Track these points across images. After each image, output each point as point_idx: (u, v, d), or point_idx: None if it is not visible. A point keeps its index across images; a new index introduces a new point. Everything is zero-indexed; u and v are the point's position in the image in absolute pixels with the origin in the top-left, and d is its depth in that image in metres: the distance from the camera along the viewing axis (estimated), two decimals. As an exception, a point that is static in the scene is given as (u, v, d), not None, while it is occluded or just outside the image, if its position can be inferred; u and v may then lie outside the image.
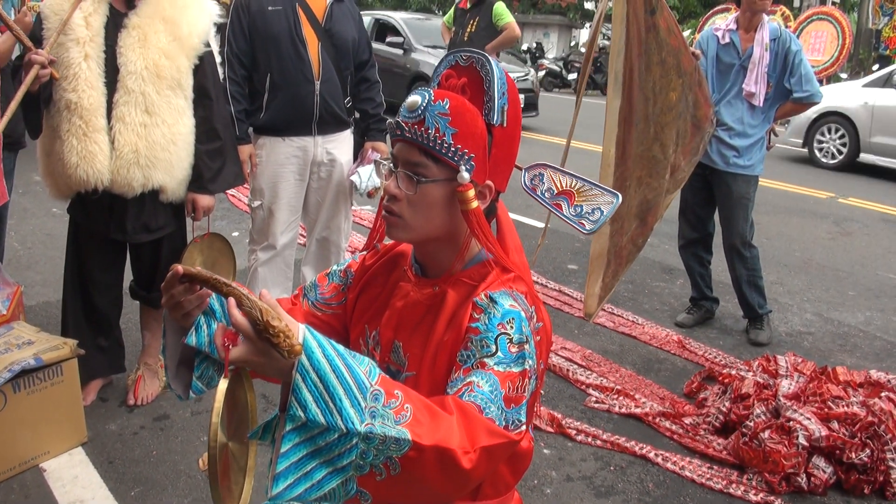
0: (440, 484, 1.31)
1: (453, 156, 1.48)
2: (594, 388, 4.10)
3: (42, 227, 6.15)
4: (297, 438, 1.23)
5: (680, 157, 4.05)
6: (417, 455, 1.26)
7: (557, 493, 3.25)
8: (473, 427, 1.32)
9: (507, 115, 1.53)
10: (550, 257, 6.41)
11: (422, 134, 1.48)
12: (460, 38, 8.60)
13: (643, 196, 3.81)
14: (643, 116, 3.62)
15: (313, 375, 1.22)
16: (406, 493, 1.32)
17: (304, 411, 1.21)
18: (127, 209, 3.33)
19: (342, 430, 1.22)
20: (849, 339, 5.12)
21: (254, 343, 1.24)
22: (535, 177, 1.70)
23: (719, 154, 4.70)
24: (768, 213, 8.38)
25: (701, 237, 5.04)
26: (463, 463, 1.28)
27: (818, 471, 3.31)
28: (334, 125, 4.12)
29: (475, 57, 1.54)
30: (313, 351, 1.23)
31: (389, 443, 1.24)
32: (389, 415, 1.25)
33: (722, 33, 4.72)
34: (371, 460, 1.25)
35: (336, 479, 1.26)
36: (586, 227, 1.66)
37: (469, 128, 1.49)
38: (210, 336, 1.50)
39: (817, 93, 4.65)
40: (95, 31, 3.15)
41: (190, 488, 3.11)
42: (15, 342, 3.19)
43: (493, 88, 1.51)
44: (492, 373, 1.40)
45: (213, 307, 1.51)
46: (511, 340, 1.43)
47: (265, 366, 1.26)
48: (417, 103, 1.49)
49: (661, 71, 3.70)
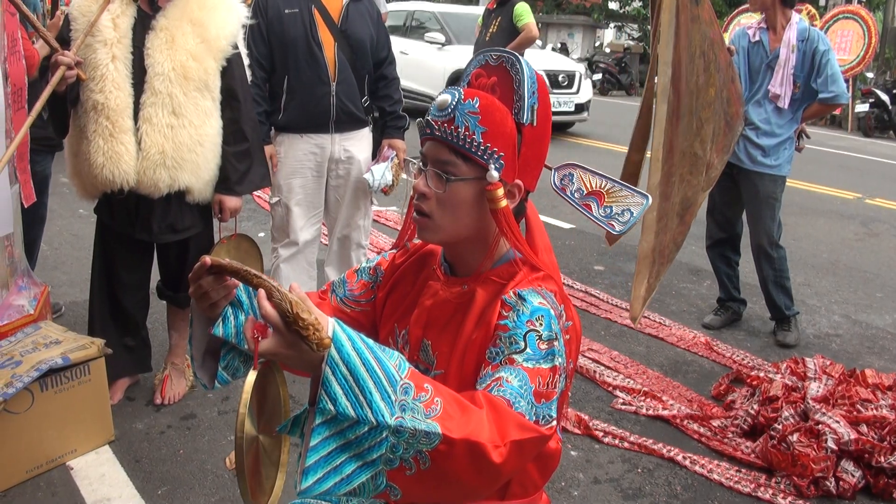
0: (470, 478, 1.30)
1: (482, 154, 1.48)
2: (621, 389, 4.07)
3: (69, 227, 6.20)
4: (326, 432, 1.23)
5: (713, 155, 3.99)
6: (447, 449, 1.25)
7: (585, 496, 3.23)
8: (503, 421, 1.31)
9: (536, 114, 1.53)
10: (577, 258, 6.39)
11: (451, 132, 1.48)
12: (482, 38, 8.65)
13: (684, 193, 3.73)
14: (688, 111, 3.52)
15: (343, 368, 1.22)
16: (436, 487, 1.31)
17: (333, 404, 1.21)
18: (153, 210, 3.34)
19: (372, 423, 1.22)
20: (877, 342, 5.06)
21: (283, 335, 1.23)
22: (565, 177, 1.69)
23: (746, 153, 4.66)
24: (794, 213, 8.30)
25: (728, 237, 5.00)
26: (493, 457, 1.28)
27: (847, 475, 3.27)
28: (351, 124, 4.13)
29: (505, 56, 1.53)
30: (343, 344, 1.23)
31: (420, 436, 1.24)
32: (420, 408, 1.25)
33: (753, 31, 4.68)
34: (401, 454, 1.25)
35: (366, 473, 1.26)
36: (616, 229, 1.65)
37: (498, 127, 1.49)
38: (237, 327, 1.51)
39: (843, 94, 4.60)
40: (123, 33, 3.17)
41: (217, 487, 3.12)
42: (42, 341, 3.21)
43: (523, 88, 1.50)
44: (521, 368, 1.39)
45: (240, 298, 1.52)
46: (540, 337, 1.43)
47: (295, 358, 1.26)
48: (447, 102, 1.49)
49: (703, 64, 3.61)
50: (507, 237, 1.53)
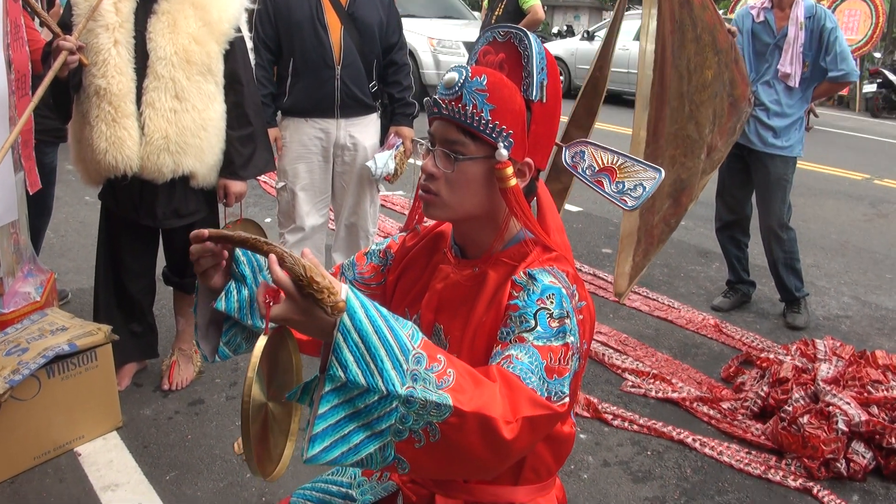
0: (480, 453, 1.27)
1: (491, 132, 1.45)
2: (630, 372, 4.06)
3: (75, 215, 6.19)
4: (335, 400, 1.21)
5: (717, 138, 3.97)
6: (458, 421, 1.23)
7: (594, 479, 3.22)
8: (516, 396, 1.29)
9: (546, 91, 1.49)
10: (584, 241, 6.36)
11: (459, 111, 1.45)
12: (488, 21, 8.62)
13: (677, 175, 3.74)
14: (677, 94, 3.55)
15: (355, 335, 1.20)
16: (445, 462, 1.29)
17: (344, 371, 1.19)
18: (157, 195, 3.32)
19: (382, 391, 1.20)
20: (887, 323, 5.04)
21: (296, 301, 1.22)
22: (576, 154, 1.66)
23: (757, 134, 4.62)
24: (803, 195, 8.25)
25: (738, 219, 4.97)
26: (504, 433, 1.25)
27: (857, 456, 3.26)
28: (357, 109, 4.10)
29: (513, 32, 1.50)
30: (356, 311, 1.21)
31: (430, 407, 1.21)
32: (431, 378, 1.23)
33: (757, 11, 4.62)
34: (410, 425, 1.22)
35: (374, 443, 1.23)
36: (628, 204, 1.62)
37: (507, 104, 1.46)
38: (240, 302, 1.50)
39: (853, 71, 4.56)
40: (125, 17, 3.14)
41: (225, 472, 3.12)
42: (49, 328, 3.20)
43: (532, 64, 1.47)
44: (531, 346, 1.37)
45: (243, 273, 1.51)
46: (551, 315, 1.40)
47: (307, 324, 1.24)
48: (455, 80, 1.46)
49: (695, 48, 3.62)
50: (517, 217, 1.50)
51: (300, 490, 1.83)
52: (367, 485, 1.77)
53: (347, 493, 1.77)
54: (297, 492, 1.82)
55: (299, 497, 1.80)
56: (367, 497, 1.75)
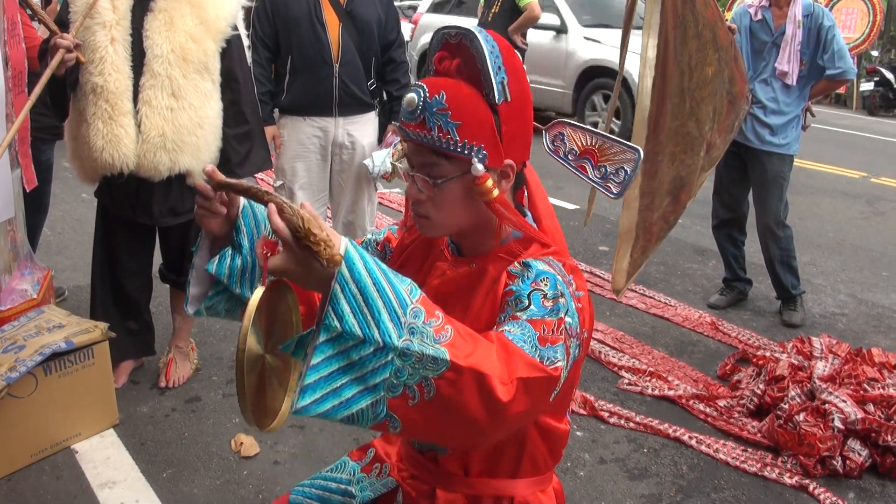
0: (475, 413, 1.24)
1: (462, 150, 1.43)
2: (626, 370, 4.06)
3: (72, 212, 6.19)
4: (329, 351, 1.19)
5: (715, 135, 3.97)
6: (454, 377, 1.21)
7: (590, 476, 3.22)
8: (512, 358, 1.27)
9: (509, 89, 1.45)
10: (581, 238, 6.36)
11: (426, 136, 1.43)
12: (485, 19, 8.57)
13: (676, 172, 3.74)
14: (678, 90, 3.54)
15: (353, 287, 1.19)
16: (438, 422, 1.26)
17: (340, 322, 1.18)
18: (153, 193, 3.32)
19: (378, 343, 1.19)
20: (883, 321, 5.04)
21: (293, 252, 1.21)
22: (556, 137, 1.64)
23: (754, 132, 4.62)
24: (800, 193, 8.26)
25: (735, 217, 4.97)
26: (500, 394, 1.23)
27: (854, 454, 3.27)
28: (355, 107, 4.10)
29: (464, 33, 1.46)
30: (354, 262, 1.20)
31: (427, 361, 1.20)
32: (429, 332, 1.22)
33: (754, 10, 4.62)
34: (405, 380, 1.21)
35: (366, 399, 1.21)
36: (613, 191, 1.60)
37: (472, 116, 1.43)
38: (231, 268, 1.50)
39: (850, 69, 4.56)
40: (122, 15, 3.14)
41: (222, 470, 3.12)
42: (45, 325, 3.20)
43: (487, 66, 1.43)
44: (524, 321, 1.35)
45: (241, 243, 1.51)
46: (545, 296, 1.39)
47: (304, 276, 1.23)
48: (414, 102, 1.43)
49: (697, 44, 3.61)
50: (507, 223, 1.49)
51: (299, 487, 1.83)
52: (366, 481, 1.77)
53: (347, 489, 1.77)
54: (296, 489, 1.82)
55: (298, 494, 1.80)
56: (367, 494, 1.75)
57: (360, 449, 1.89)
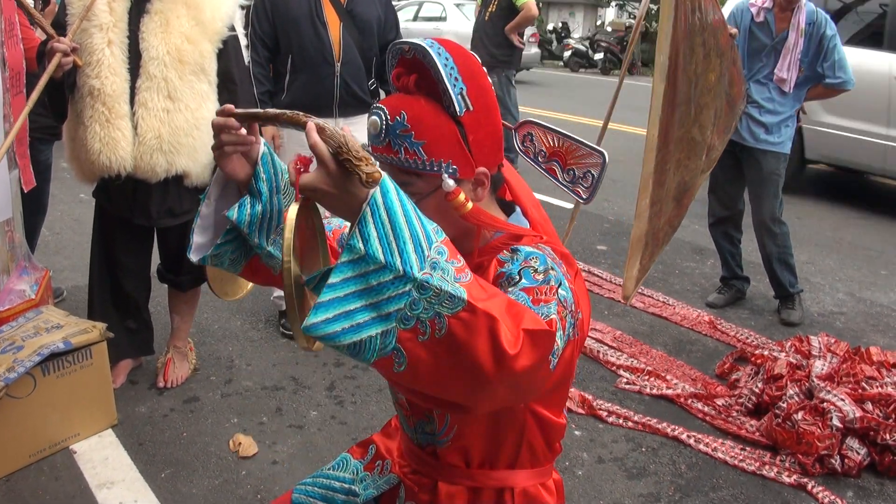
0: (482, 360, 1.21)
1: (431, 168, 1.41)
2: (625, 369, 4.07)
3: (70, 212, 6.19)
4: (349, 272, 1.18)
5: (715, 137, 3.98)
6: (468, 317, 1.19)
7: (589, 475, 3.22)
8: (517, 311, 1.25)
9: (469, 98, 1.43)
10: (579, 238, 6.36)
11: (394, 158, 1.42)
12: (482, 19, 8.55)
13: (681, 178, 3.74)
14: (686, 99, 3.53)
15: (383, 212, 1.18)
16: (444, 365, 1.23)
17: (364, 244, 1.17)
18: (151, 194, 3.32)
19: (399, 271, 1.17)
20: (881, 319, 5.05)
21: (329, 169, 1.20)
22: (526, 138, 1.63)
23: (749, 131, 4.62)
24: (798, 191, 8.26)
25: (731, 215, 4.98)
26: (507, 345, 1.20)
27: (852, 452, 3.27)
28: (356, 107, 4.09)
29: (416, 48, 1.44)
30: (389, 190, 1.19)
31: (443, 297, 1.18)
32: (450, 270, 1.20)
33: (757, 10, 4.59)
34: (419, 313, 1.18)
35: (377, 326, 1.19)
36: (583, 196, 1.59)
37: (435, 133, 1.41)
38: (251, 216, 1.49)
39: (850, 80, 4.56)
40: (119, 17, 3.14)
41: (220, 469, 3.12)
42: (44, 326, 3.20)
43: (443, 79, 1.41)
44: (517, 291, 1.34)
45: (260, 190, 1.50)
46: (535, 270, 1.38)
47: (335, 198, 1.22)
48: (377, 125, 1.42)
49: (703, 52, 3.61)
50: (488, 230, 1.49)
51: (301, 486, 1.83)
52: (369, 479, 1.78)
53: (350, 488, 1.77)
54: (298, 487, 1.82)
55: (301, 493, 1.80)
56: (370, 492, 1.75)
57: (361, 445, 1.89)
